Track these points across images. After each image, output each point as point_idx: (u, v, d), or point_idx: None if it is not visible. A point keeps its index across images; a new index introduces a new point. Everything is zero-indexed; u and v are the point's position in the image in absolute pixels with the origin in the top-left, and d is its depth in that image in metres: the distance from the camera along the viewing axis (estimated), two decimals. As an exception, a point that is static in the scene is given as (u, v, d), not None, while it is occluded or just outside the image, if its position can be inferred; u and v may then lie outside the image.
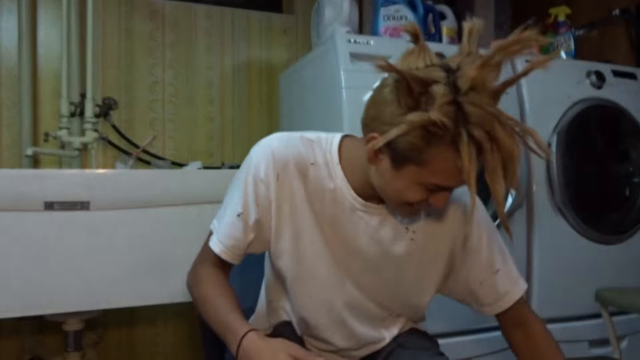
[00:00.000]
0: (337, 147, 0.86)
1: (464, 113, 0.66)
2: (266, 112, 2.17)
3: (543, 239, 1.70)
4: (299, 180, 0.85)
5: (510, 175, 0.70)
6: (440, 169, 0.71)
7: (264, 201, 0.85)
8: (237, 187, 0.87)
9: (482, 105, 0.67)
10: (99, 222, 1.23)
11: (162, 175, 1.35)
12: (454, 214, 0.90)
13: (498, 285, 0.92)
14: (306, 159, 0.85)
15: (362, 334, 0.93)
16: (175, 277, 1.26)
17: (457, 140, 0.67)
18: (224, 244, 0.87)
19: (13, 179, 1.17)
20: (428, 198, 0.76)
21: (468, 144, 0.67)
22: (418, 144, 0.70)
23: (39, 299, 1.19)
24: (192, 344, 2.00)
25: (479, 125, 0.67)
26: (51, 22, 1.84)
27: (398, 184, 0.76)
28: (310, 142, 0.87)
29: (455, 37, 1.86)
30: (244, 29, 2.13)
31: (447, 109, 0.66)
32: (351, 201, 0.85)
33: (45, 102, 1.83)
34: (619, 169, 1.85)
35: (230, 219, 0.86)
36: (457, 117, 0.67)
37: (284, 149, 0.85)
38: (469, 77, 0.67)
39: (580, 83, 1.80)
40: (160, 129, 1.99)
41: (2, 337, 1.75)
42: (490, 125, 0.67)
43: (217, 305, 0.84)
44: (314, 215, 0.86)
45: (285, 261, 0.88)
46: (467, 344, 1.60)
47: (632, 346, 1.78)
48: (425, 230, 0.89)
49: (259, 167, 0.84)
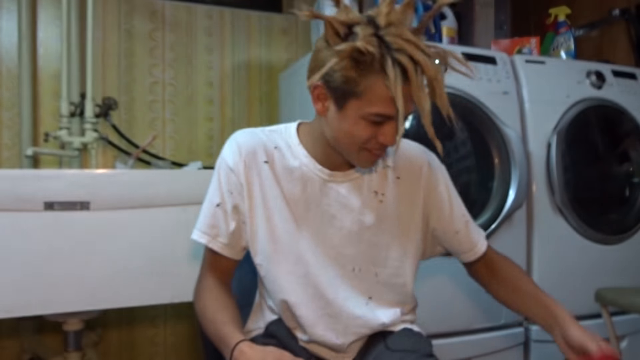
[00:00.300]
0: (296, 130, 0.96)
1: (386, 42, 0.76)
2: (266, 112, 2.17)
3: (543, 239, 1.70)
4: (266, 164, 0.92)
5: (438, 94, 0.79)
6: (376, 96, 0.78)
7: (237, 187, 0.92)
8: (212, 183, 0.95)
9: (401, 35, 0.76)
10: (99, 222, 1.23)
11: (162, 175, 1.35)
12: (419, 170, 0.97)
13: (472, 233, 1.01)
14: (269, 145, 0.94)
15: (347, 315, 0.92)
16: (175, 277, 1.26)
17: (384, 66, 0.76)
18: (206, 232, 0.92)
19: (13, 179, 1.17)
20: (377, 136, 0.82)
21: (393, 67, 0.75)
22: (352, 75, 0.78)
23: (39, 299, 1.19)
24: (192, 344, 2.00)
25: (401, 51, 0.75)
26: (51, 22, 1.84)
27: (346, 126, 0.83)
28: (270, 132, 0.96)
29: (456, 37, 1.86)
30: (244, 29, 2.13)
31: (370, 39, 0.76)
32: (318, 174, 0.92)
33: (45, 102, 1.83)
34: (619, 169, 1.85)
35: (209, 210, 0.93)
36: (380, 46, 0.76)
37: (248, 139, 0.94)
38: (384, 15, 0.78)
39: (580, 83, 1.80)
40: (160, 129, 1.99)
41: (2, 337, 1.75)
42: (411, 51, 0.75)
43: (214, 318, 0.87)
44: (283, 195, 0.92)
45: (262, 245, 0.92)
46: (466, 344, 1.59)
47: (632, 346, 1.78)
48: (395, 192, 0.95)
49: (227, 158, 0.93)
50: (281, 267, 0.92)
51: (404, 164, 0.97)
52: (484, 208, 1.60)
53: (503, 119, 1.63)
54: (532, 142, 1.70)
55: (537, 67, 1.77)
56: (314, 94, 0.85)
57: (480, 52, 1.70)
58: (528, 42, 1.89)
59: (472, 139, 1.62)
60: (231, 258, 0.94)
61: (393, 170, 0.96)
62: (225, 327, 0.84)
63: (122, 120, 1.93)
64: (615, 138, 1.85)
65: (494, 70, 1.68)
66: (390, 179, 0.96)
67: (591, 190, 1.78)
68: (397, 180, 0.96)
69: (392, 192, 0.95)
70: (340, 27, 0.78)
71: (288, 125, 0.97)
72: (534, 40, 1.89)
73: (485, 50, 1.74)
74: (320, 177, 0.92)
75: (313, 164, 0.92)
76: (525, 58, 1.78)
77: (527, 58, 1.78)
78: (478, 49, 1.73)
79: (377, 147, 0.84)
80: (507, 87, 1.68)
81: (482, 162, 1.63)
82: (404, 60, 0.75)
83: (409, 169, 0.97)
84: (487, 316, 1.63)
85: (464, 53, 1.65)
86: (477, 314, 1.61)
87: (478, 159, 1.62)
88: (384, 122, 0.81)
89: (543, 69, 1.77)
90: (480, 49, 1.74)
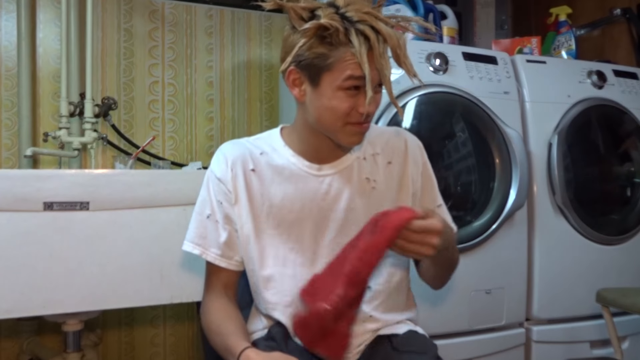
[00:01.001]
0: (279, 134, 0.99)
1: (347, 17, 0.82)
2: (266, 112, 2.16)
3: (543, 239, 1.69)
4: (253, 172, 0.94)
5: (402, 60, 0.85)
6: (346, 64, 0.83)
7: (226, 196, 0.93)
8: (201, 195, 0.97)
9: (360, 9, 0.82)
10: (98, 222, 1.23)
11: (162, 175, 1.34)
12: (404, 152, 0.99)
13: (445, 217, 1.00)
14: (255, 152, 0.96)
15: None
16: (175, 277, 1.26)
17: (349, 36, 0.81)
18: (198, 244, 0.94)
19: (12, 179, 1.17)
20: (357, 107, 0.85)
21: (357, 36, 0.81)
22: (321, 51, 0.83)
23: (38, 299, 1.18)
24: (192, 344, 2.00)
25: (362, 22, 0.82)
26: (50, 22, 1.84)
27: (325, 101, 0.86)
28: (255, 139, 1.00)
29: (456, 37, 1.85)
30: (244, 29, 2.13)
31: (332, 16, 0.82)
32: (307, 170, 0.94)
33: (45, 102, 1.82)
34: (620, 169, 1.85)
35: (199, 222, 0.95)
36: (342, 21, 0.82)
37: (235, 148, 0.97)
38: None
39: (581, 83, 1.79)
40: (160, 128, 1.99)
41: (2, 337, 1.75)
42: (371, 22, 0.81)
43: (219, 331, 0.88)
44: (272, 201, 0.93)
45: (252, 252, 0.93)
46: (466, 345, 1.59)
47: (633, 347, 1.78)
48: (386, 177, 0.97)
49: (215, 169, 0.96)
50: (273, 270, 0.92)
51: (390, 148, 0.99)
52: (485, 208, 1.60)
53: (504, 118, 1.62)
54: (533, 142, 1.70)
55: (538, 67, 1.76)
56: (289, 81, 0.89)
57: (481, 52, 1.70)
58: (529, 41, 1.89)
59: (472, 139, 1.61)
60: (229, 269, 0.95)
61: (383, 156, 0.98)
62: (231, 338, 0.85)
63: (121, 120, 1.92)
64: (616, 138, 1.85)
65: (494, 70, 1.68)
66: (380, 165, 0.97)
67: (592, 190, 1.78)
68: (389, 165, 0.98)
69: (383, 177, 0.97)
70: (303, 12, 0.85)
71: (271, 132, 1.01)
72: (535, 40, 1.89)
73: (486, 50, 1.73)
74: (309, 174, 0.94)
75: (301, 162, 0.94)
76: (526, 58, 1.77)
77: (528, 58, 1.78)
78: (479, 49, 1.73)
79: (359, 118, 0.87)
80: (508, 87, 1.68)
81: (483, 162, 1.62)
82: (367, 30, 0.81)
83: (396, 152, 0.99)
84: (487, 317, 1.62)
85: (464, 53, 1.66)
86: (477, 314, 1.61)
87: (479, 158, 1.62)
88: (359, 92, 0.85)
89: (544, 69, 1.77)
90: (481, 49, 1.74)
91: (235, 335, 0.85)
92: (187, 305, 1.96)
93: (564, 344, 1.72)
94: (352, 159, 0.96)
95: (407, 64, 0.86)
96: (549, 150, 1.70)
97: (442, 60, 1.59)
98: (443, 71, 1.59)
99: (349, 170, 0.95)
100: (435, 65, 1.58)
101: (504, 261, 1.62)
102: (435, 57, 1.59)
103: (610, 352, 1.66)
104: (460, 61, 1.63)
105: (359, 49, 0.81)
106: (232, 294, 0.96)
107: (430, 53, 1.58)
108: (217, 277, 0.95)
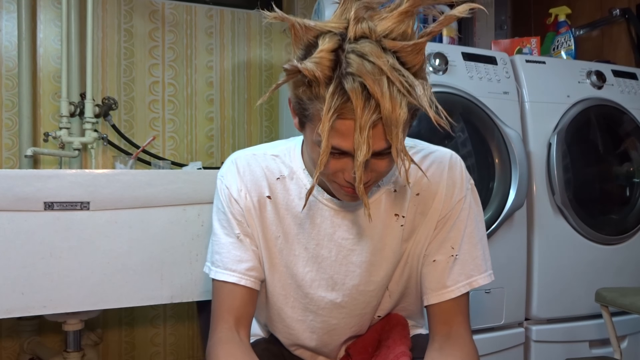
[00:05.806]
0: (300, 151, 0.83)
1: (342, 62, 0.60)
2: (266, 112, 2.16)
3: (543, 239, 1.69)
4: (269, 199, 0.82)
5: (394, 138, 0.61)
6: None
7: (243, 217, 0.82)
8: (218, 213, 0.84)
9: (366, 54, 0.59)
10: (99, 222, 1.23)
11: (162, 175, 1.34)
12: (436, 190, 0.82)
13: (452, 273, 0.82)
14: (271, 177, 0.83)
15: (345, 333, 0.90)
16: (175, 277, 1.26)
17: (325, 94, 0.61)
18: (233, 269, 0.80)
19: (13, 179, 1.17)
20: (344, 171, 0.68)
21: (333, 94, 0.60)
22: (301, 97, 0.65)
23: (38, 299, 1.18)
24: (192, 344, 2.00)
25: (357, 75, 0.59)
26: (51, 22, 1.84)
27: (309, 149, 0.71)
28: (273, 158, 0.84)
29: (456, 37, 1.85)
30: (244, 29, 2.13)
31: (324, 55, 0.60)
32: (326, 203, 0.80)
33: (45, 102, 1.83)
34: (619, 169, 1.85)
35: (229, 244, 0.82)
36: (332, 66, 0.60)
37: (251, 167, 0.83)
38: (362, 24, 0.60)
39: (580, 83, 1.79)
40: (160, 128, 1.99)
41: (2, 337, 1.75)
42: (368, 79, 0.58)
43: None
44: (283, 234, 0.82)
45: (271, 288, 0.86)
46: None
47: (632, 346, 1.78)
48: (414, 211, 0.82)
49: (231, 187, 0.83)
50: (292, 315, 0.87)
51: (423, 180, 0.82)
52: (485, 208, 1.60)
53: (503, 119, 1.63)
54: (532, 142, 1.70)
55: (537, 67, 1.76)
56: (289, 106, 0.72)
57: (480, 52, 1.70)
58: (528, 42, 1.89)
59: (472, 139, 1.62)
60: (255, 289, 0.82)
61: (412, 186, 0.82)
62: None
63: (122, 120, 1.93)
64: (615, 138, 1.85)
65: (494, 70, 1.68)
66: (408, 196, 0.82)
67: (592, 190, 1.78)
68: (416, 197, 0.82)
69: (411, 211, 0.82)
70: (306, 35, 0.63)
71: (290, 147, 0.85)
72: (534, 40, 1.89)
73: (485, 51, 1.74)
74: (330, 208, 0.80)
75: (321, 194, 0.80)
76: (526, 58, 1.78)
77: (527, 58, 1.78)
78: (478, 49, 1.73)
79: (344, 183, 0.70)
80: (507, 87, 1.68)
81: (483, 162, 1.63)
82: (353, 89, 0.59)
83: (428, 185, 0.82)
84: (487, 316, 1.63)
85: (464, 53, 1.66)
86: (477, 314, 1.61)
87: (478, 158, 1.62)
88: (342, 155, 0.66)
89: (543, 69, 1.77)
90: (480, 49, 1.74)
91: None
92: (187, 305, 1.96)
93: (563, 343, 1.72)
94: (381, 192, 0.81)
95: (399, 146, 0.62)
96: (548, 150, 1.70)
97: (442, 60, 1.59)
98: (443, 71, 1.59)
99: (377, 204, 0.80)
100: (434, 66, 1.58)
101: (504, 261, 1.62)
102: (435, 57, 1.59)
103: (610, 352, 1.66)
104: (460, 61, 1.63)
105: (325, 115, 0.60)
106: (247, 328, 0.82)
107: (429, 53, 1.59)
108: (234, 303, 0.80)
